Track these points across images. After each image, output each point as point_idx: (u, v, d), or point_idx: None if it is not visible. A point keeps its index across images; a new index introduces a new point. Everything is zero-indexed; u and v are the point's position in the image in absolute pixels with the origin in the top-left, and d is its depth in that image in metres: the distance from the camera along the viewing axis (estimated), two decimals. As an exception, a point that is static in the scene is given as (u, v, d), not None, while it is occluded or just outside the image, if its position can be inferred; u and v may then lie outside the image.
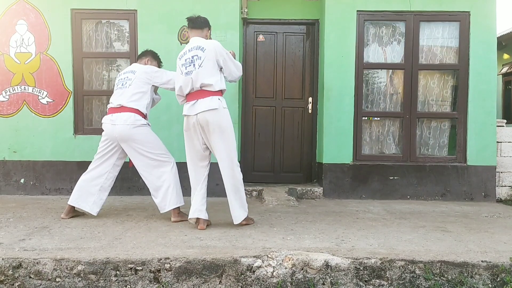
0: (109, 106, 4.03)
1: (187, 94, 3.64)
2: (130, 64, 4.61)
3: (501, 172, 5.41)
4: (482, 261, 2.84)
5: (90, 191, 3.92)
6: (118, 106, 3.90)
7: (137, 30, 5.19)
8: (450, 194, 5.24)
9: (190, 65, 3.57)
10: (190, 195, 3.74)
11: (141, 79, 3.95)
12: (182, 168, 3.96)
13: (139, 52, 5.16)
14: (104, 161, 3.96)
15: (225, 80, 3.71)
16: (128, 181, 5.18)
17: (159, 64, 4.29)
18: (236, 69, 3.73)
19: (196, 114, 3.54)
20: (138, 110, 3.88)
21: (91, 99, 5.44)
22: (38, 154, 5.24)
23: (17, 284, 2.74)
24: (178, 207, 3.92)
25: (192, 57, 3.58)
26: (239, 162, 5.35)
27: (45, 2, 5.20)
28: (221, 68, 3.65)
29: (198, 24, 3.76)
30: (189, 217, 3.69)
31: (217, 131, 3.53)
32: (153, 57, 4.25)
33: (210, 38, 3.88)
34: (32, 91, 5.23)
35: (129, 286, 2.74)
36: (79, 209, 3.99)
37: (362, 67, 5.32)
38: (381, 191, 5.26)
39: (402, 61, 5.36)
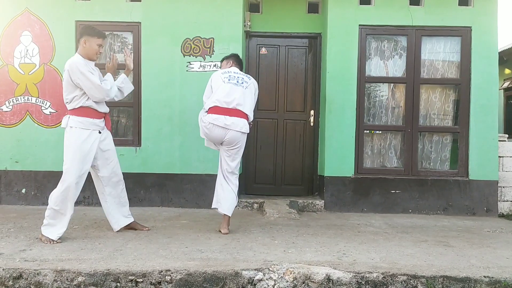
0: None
1: (222, 107, 3.77)
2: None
3: (503, 187, 5.40)
4: (484, 277, 2.83)
5: None
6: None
7: (140, 42, 5.22)
8: (452, 209, 5.22)
9: (240, 82, 3.88)
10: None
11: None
12: (183, 179, 3.95)
13: (142, 64, 5.22)
14: None
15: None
16: (129, 192, 5.16)
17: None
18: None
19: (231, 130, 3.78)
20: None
21: (94, 110, 5.44)
22: (39, 164, 5.24)
23: (16, 295, 2.74)
24: None
25: (242, 78, 3.93)
26: (240, 174, 5.38)
27: (50, 14, 5.25)
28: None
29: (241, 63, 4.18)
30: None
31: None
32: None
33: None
34: (36, 101, 5.26)
35: (129, 298, 2.73)
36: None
37: (364, 81, 5.35)
38: (383, 204, 5.24)
39: (403, 75, 5.39)
